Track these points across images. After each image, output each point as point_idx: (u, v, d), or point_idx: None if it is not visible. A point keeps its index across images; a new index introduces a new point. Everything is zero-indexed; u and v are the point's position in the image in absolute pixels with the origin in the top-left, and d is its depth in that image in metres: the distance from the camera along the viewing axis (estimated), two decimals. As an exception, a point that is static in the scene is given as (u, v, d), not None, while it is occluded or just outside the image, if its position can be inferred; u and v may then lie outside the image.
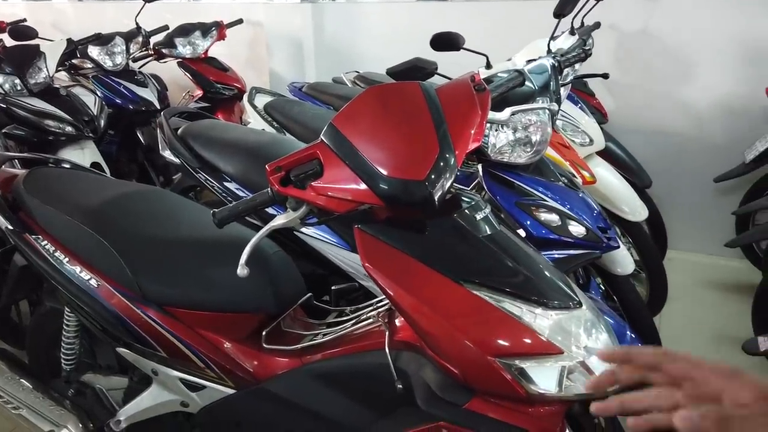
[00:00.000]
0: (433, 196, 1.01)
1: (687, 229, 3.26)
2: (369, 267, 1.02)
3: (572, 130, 2.40)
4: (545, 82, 1.55)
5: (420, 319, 1.00)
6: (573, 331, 1.03)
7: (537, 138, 1.49)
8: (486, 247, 1.06)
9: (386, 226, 1.06)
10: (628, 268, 1.87)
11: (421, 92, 1.07)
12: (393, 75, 1.93)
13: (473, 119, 1.09)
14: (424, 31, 2.09)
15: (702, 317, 2.69)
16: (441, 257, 1.03)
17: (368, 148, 1.01)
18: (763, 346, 1.46)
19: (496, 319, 1.00)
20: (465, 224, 1.07)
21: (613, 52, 3.20)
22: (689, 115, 3.10)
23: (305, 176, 1.02)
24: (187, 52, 3.67)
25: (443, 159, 1.03)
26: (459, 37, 2.12)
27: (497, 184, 1.51)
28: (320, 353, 1.27)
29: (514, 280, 1.04)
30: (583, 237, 1.50)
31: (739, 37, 2.89)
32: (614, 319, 1.53)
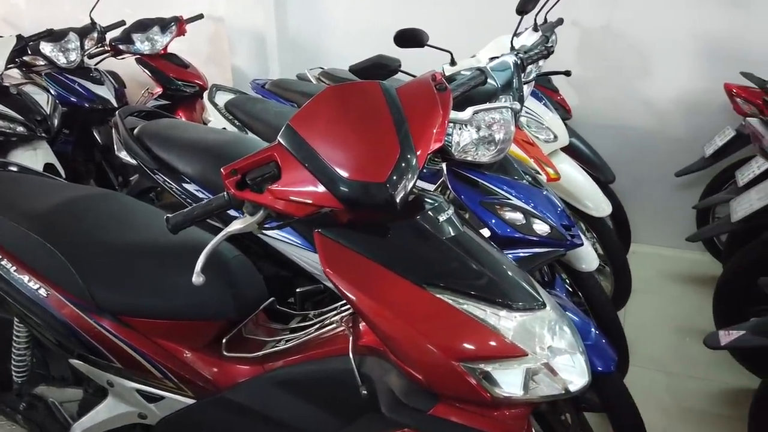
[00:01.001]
0: (395, 199, 0.98)
1: (650, 222, 3.31)
2: (329, 272, 0.99)
3: (536, 126, 2.40)
4: (508, 79, 1.54)
5: (382, 324, 0.98)
6: (537, 333, 1.02)
7: (500, 136, 1.47)
8: (449, 250, 1.04)
9: (347, 229, 1.04)
10: (592, 264, 1.88)
11: (381, 92, 1.05)
12: (356, 72, 1.90)
13: (435, 119, 1.07)
14: (391, 26, 2.06)
15: (665, 310, 2.74)
16: (403, 260, 1.01)
17: (327, 149, 0.98)
18: (724, 340, 1.48)
19: (460, 323, 0.98)
20: (428, 226, 1.05)
21: (577, 48, 3.23)
22: (651, 110, 3.15)
23: (262, 179, 0.99)
24: (145, 48, 3.56)
25: (404, 160, 1.00)
26: (423, 34, 2.09)
27: (461, 184, 1.50)
28: (283, 360, 1.24)
29: (477, 282, 1.02)
30: (547, 235, 1.50)
31: (697, 33, 2.95)
32: (579, 316, 1.53)
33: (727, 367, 2.21)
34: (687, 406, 2.14)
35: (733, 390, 2.19)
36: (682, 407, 2.14)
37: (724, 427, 2.02)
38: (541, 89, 2.77)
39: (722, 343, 1.49)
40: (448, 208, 1.10)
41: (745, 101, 2.55)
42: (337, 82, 3.05)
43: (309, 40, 3.85)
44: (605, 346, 1.47)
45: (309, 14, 3.79)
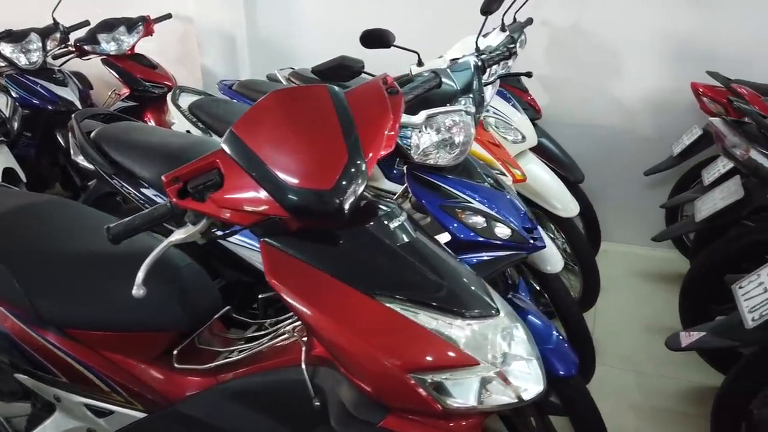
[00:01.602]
0: (342, 206, 0.96)
1: (621, 221, 3.33)
2: (275, 283, 0.96)
3: (505, 127, 2.39)
4: (468, 81, 1.52)
5: (328, 336, 0.95)
6: (490, 340, 1.00)
7: (460, 139, 1.45)
8: (401, 258, 1.02)
9: (295, 238, 1.01)
10: (557, 266, 1.87)
11: (329, 96, 1.02)
12: (318, 74, 1.86)
13: (384, 123, 1.05)
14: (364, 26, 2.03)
15: (636, 309, 2.75)
16: (352, 270, 0.98)
17: (271, 155, 0.95)
18: (685, 341, 1.48)
19: (410, 333, 0.96)
20: (379, 234, 1.02)
21: (547, 48, 3.23)
22: (621, 109, 3.16)
23: (204, 187, 0.95)
24: (111, 48, 3.49)
25: (353, 166, 0.98)
26: (389, 34, 2.06)
27: (422, 187, 1.48)
28: (235, 371, 1.21)
29: (429, 290, 1.00)
30: (508, 238, 1.48)
31: (665, 32, 2.96)
32: (541, 319, 1.52)
33: (695, 366, 2.21)
34: (657, 405, 2.15)
35: (701, 388, 2.20)
36: (652, 406, 2.14)
37: (692, 425, 2.02)
38: (511, 89, 2.77)
39: (683, 345, 1.49)
40: (400, 214, 1.08)
41: (711, 100, 2.57)
42: (308, 82, 3.02)
43: (280, 40, 3.80)
44: (567, 349, 1.46)
45: (280, 13, 3.74)
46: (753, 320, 1.36)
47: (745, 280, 1.49)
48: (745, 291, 1.45)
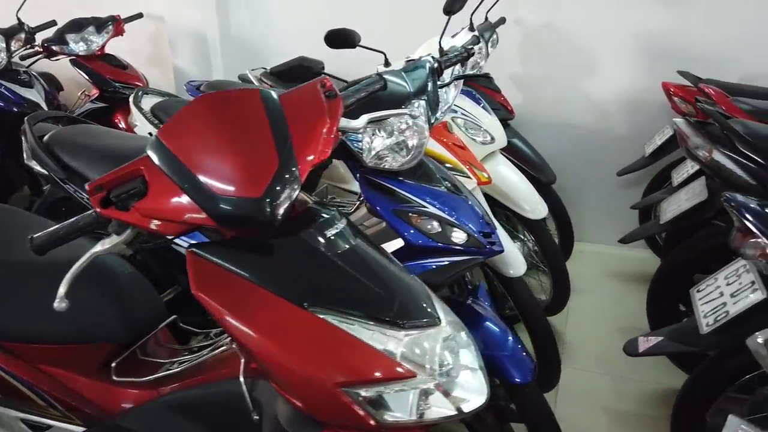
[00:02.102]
0: (272, 215, 0.92)
1: (596, 221, 3.32)
2: (200, 295, 0.92)
3: (473, 129, 2.37)
4: (422, 83, 1.49)
5: (256, 350, 0.92)
6: (429, 351, 0.97)
7: (414, 143, 1.42)
8: (336, 267, 0.98)
9: (224, 247, 0.97)
10: (519, 269, 1.85)
11: (260, 100, 0.98)
12: (276, 75, 1.83)
13: (321, 127, 1.02)
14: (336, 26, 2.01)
15: (608, 310, 2.73)
16: (284, 280, 0.95)
17: (197, 163, 0.91)
18: (642, 346, 1.45)
19: (343, 345, 0.92)
20: (314, 242, 0.99)
21: (520, 47, 3.21)
22: (595, 108, 3.15)
23: (127, 196, 0.91)
24: (80, 48, 3.42)
25: (284, 173, 0.94)
26: (354, 34, 2.03)
27: (375, 192, 1.44)
28: (176, 383, 1.17)
29: (365, 300, 0.97)
30: (464, 243, 1.45)
31: (638, 32, 2.95)
32: (498, 325, 1.50)
33: (665, 368, 2.19)
34: (624, 408, 2.13)
35: (670, 391, 2.18)
36: (619, 409, 2.12)
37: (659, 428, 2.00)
38: (483, 90, 2.74)
39: (640, 350, 1.47)
40: (339, 221, 1.05)
41: (681, 100, 2.56)
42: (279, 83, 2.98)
43: (253, 40, 3.75)
44: (523, 356, 1.44)
45: (252, 13, 3.70)
46: (707, 325, 1.34)
47: (704, 284, 1.47)
48: (702, 295, 1.44)
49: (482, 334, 1.47)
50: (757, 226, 1.23)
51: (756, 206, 1.27)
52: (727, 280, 1.41)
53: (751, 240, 1.24)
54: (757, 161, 1.69)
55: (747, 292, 1.32)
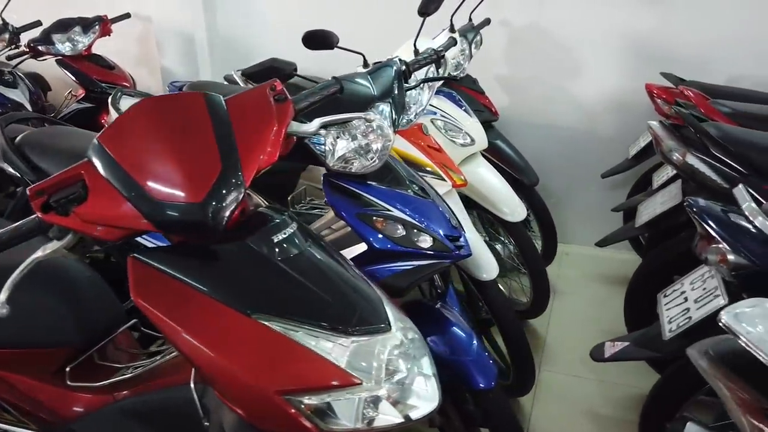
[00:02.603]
0: (215, 220, 0.91)
1: (581, 223, 3.31)
2: (140, 302, 0.91)
3: (453, 130, 2.35)
4: (387, 86, 1.48)
5: (197, 358, 0.91)
6: (377, 358, 0.96)
7: (378, 146, 1.41)
8: (283, 273, 0.97)
9: (167, 253, 0.96)
10: (492, 272, 1.84)
11: (205, 103, 0.98)
12: (248, 77, 1.82)
13: (267, 132, 1.01)
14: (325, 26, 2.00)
15: (591, 312, 2.72)
16: (228, 287, 0.94)
17: (138, 168, 0.91)
18: (608, 351, 1.44)
19: (286, 352, 0.91)
20: (260, 247, 0.98)
21: (505, 49, 3.19)
22: (581, 110, 3.13)
23: (67, 201, 0.91)
24: (66, 49, 3.42)
25: (227, 177, 0.93)
26: (332, 35, 2.02)
27: (339, 195, 1.43)
28: (131, 388, 1.16)
29: (312, 307, 0.96)
30: (430, 247, 1.44)
31: (622, 32, 2.94)
32: (463, 330, 1.48)
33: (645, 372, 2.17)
34: (601, 412, 2.12)
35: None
36: (597, 413, 2.11)
37: None
38: (467, 91, 2.73)
39: (606, 355, 1.46)
40: (289, 225, 1.04)
41: (664, 102, 2.54)
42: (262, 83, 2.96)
43: (241, 40, 3.74)
44: (487, 361, 1.43)
45: (240, 14, 3.69)
46: (670, 331, 1.33)
47: (670, 289, 1.46)
48: (668, 300, 1.42)
49: (448, 339, 1.46)
50: (718, 232, 1.22)
51: (718, 212, 1.26)
52: (692, 285, 1.40)
53: (713, 246, 1.23)
54: (731, 165, 1.68)
55: (710, 298, 1.30)
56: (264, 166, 1.00)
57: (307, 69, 3.40)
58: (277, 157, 1.04)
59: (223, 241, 0.96)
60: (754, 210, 1.18)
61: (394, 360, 0.99)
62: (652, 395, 1.47)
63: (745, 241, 1.18)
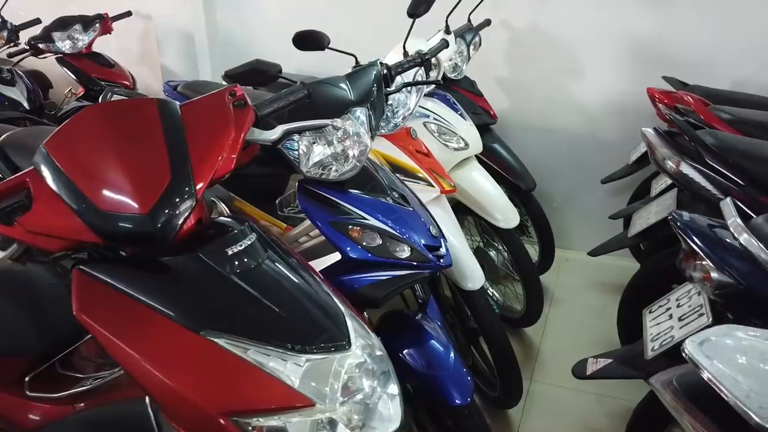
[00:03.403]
0: (161, 232, 0.88)
1: (581, 228, 3.24)
2: (83, 317, 0.88)
3: (447, 134, 2.30)
4: (365, 90, 1.43)
5: (140, 376, 0.87)
6: (333, 378, 0.92)
7: (355, 152, 1.37)
8: (235, 287, 0.94)
9: (114, 266, 0.93)
10: (477, 282, 1.79)
11: (157, 109, 0.94)
12: (231, 78, 1.78)
13: (224, 140, 0.97)
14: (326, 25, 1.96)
15: (587, 321, 2.66)
16: (176, 301, 0.90)
17: (84, 176, 0.88)
18: (591, 369, 1.39)
19: (235, 371, 0.88)
20: (213, 260, 0.94)
21: (506, 50, 3.13)
22: (581, 113, 3.07)
23: (11, 210, 0.88)
24: (66, 47, 3.41)
25: (177, 187, 0.90)
26: (323, 36, 1.99)
27: (313, 202, 1.39)
28: (90, 400, 1.13)
29: (264, 323, 0.92)
30: (407, 257, 1.40)
31: (626, 35, 2.87)
32: (441, 343, 1.44)
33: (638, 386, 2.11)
34: (592, 425, 2.07)
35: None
36: (587, 427, 2.06)
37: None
38: (464, 93, 2.68)
39: (588, 373, 1.40)
40: (247, 236, 1.00)
41: (665, 107, 2.47)
42: (264, 83, 2.93)
43: (241, 39, 3.72)
44: (464, 376, 1.38)
45: (240, 12, 3.66)
46: (653, 350, 1.27)
47: (656, 305, 1.40)
48: (653, 317, 1.37)
49: (425, 352, 1.42)
50: (702, 248, 1.16)
51: (703, 227, 1.20)
52: (678, 302, 1.34)
53: (697, 262, 1.18)
54: (726, 175, 1.62)
55: (694, 317, 1.25)
56: (220, 175, 0.96)
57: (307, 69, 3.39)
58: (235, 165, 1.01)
59: (174, 254, 0.93)
60: (739, 226, 1.13)
61: (356, 378, 0.95)
62: (636, 414, 1.42)
63: (729, 259, 1.13)
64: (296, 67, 3.43)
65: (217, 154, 0.95)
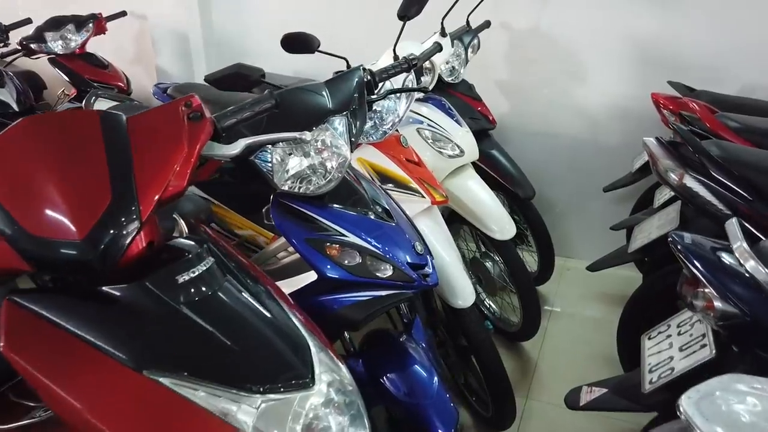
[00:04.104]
0: (100, 259, 0.80)
1: (583, 236, 3.14)
2: (9, 352, 0.79)
3: (442, 141, 2.21)
4: (345, 98, 1.35)
5: (72, 421, 0.79)
6: (292, 421, 0.84)
7: (333, 164, 1.28)
8: (184, 320, 0.85)
9: (50, 295, 0.85)
10: (467, 300, 1.70)
11: (100, 123, 0.86)
12: (212, 83, 1.70)
13: (175, 156, 0.89)
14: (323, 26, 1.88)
15: (588, 335, 2.56)
16: (117, 337, 0.82)
17: (13, 198, 0.79)
18: (584, 398, 1.30)
19: (181, 415, 0.79)
20: (162, 289, 0.86)
21: (507, 53, 3.03)
22: (584, 118, 2.96)
23: None
24: (58, 47, 3.35)
25: (117, 210, 0.82)
26: (313, 39, 1.90)
27: (289, 217, 1.30)
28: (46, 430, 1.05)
29: (216, 361, 0.84)
30: (389, 277, 1.31)
31: (631, 38, 2.76)
32: (424, 368, 1.36)
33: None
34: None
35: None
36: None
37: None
38: (462, 97, 2.59)
39: (581, 403, 1.31)
40: (203, 261, 0.91)
41: (670, 113, 2.37)
42: (258, 85, 2.85)
43: (236, 40, 3.64)
44: (447, 404, 1.30)
45: (235, 13, 3.59)
46: (651, 382, 1.18)
47: (655, 330, 1.31)
48: (652, 344, 1.27)
49: (407, 378, 1.33)
50: (705, 274, 1.07)
51: (706, 251, 1.10)
52: (680, 329, 1.25)
53: (699, 290, 1.08)
54: (733, 189, 1.52)
55: (696, 347, 1.15)
56: (170, 194, 0.88)
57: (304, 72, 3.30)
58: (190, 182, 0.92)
59: (117, 282, 0.84)
60: (745, 252, 1.03)
61: (322, 417, 0.87)
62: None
63: (734, 287, 1.03)
64: (294, 69, 3.35)
65: (167, 171, 0.87)
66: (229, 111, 1.03)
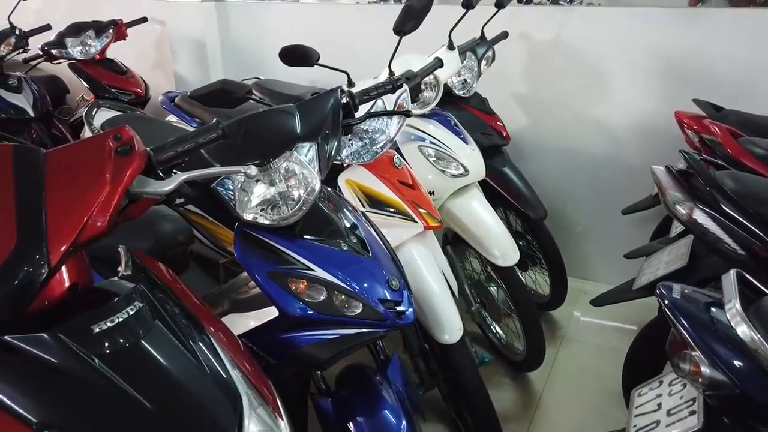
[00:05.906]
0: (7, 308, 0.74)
1: (600, 258, 2.99)
2: None
3: (445, 159, 2.11)
4: (318, 121, 1.27)
5: None
6: None
7: (300, 193, 1.21)
8: (97, 375, 0.78)
9: None
10: (455, 335, 1.60)
11: (11, 158, 0.80)
12: (197, 99, 1.65)
13: (94, 195, 0.82)
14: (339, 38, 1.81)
15: (598, 366, 2.42)
16: (18, 392, 0.75)
17: None
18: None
19: None
20: (73, 340, 0.79)
21: (525, 66, 2.91)
22: (604, 135, 2.82)
23: None
24: (78, 53, 3.38)
25: (23, 255, 0.75)
26: (312, 52, 1.83)
27: (252, 249, 1.23)
28: None
29: (127, 421, 0.77)
30: (358, 314, 1.22)
31: (654, 51, 2.60)
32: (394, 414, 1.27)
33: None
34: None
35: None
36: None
37: None
38: (475, 112, 2.48)
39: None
40: (131, 304, 0.84)
41: (695, 133, 2.21)
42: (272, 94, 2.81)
43: (254, 49, 3.61)
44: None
45: (253, 20, 3.56)
46: (633, 448, 1.06)
47: (647, 386, 1.18)
48: (641, 402, 1.15)
49: (375, 425, 1.25)
50: (693, 336, 0.94)
51: (697, 308, 0.98)
52: (671, 388, 1.12)
53: (686, 352, 0.96)
54: (747, 227, 1.38)
55: (683, 414, 1.03)
56: (89, 236, 0.81)
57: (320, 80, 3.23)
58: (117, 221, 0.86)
59: (27, 330, 0.78)
60: (737, 314, 0.90)
61: None
62: None
63: (724, 353, 0.91)
64: (309, 78, 3.30)
65: (84, 211, 0.80)
66: (170, 142, 0.96)
